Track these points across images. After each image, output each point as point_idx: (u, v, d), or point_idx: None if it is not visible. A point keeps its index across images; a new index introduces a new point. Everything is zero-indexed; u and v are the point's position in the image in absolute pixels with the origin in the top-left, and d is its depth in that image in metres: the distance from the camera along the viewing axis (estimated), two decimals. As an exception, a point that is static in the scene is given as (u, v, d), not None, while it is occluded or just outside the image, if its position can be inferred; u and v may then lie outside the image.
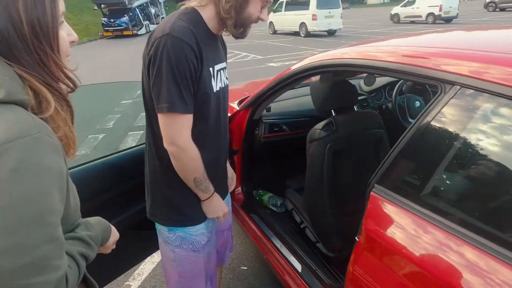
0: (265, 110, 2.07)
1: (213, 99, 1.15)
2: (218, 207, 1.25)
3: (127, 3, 20.18)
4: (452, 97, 0.91)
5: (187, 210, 1.23)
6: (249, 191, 2.22)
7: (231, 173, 1.47)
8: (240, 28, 1.15)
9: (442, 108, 0.93)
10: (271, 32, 18.21)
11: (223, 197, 1.32)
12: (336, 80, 1.64)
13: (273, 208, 2.18)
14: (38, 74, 0.61)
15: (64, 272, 0.59)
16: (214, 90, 1.16)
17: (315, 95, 1.69)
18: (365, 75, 2.32)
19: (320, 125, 1.58)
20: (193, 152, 1.11)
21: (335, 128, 1.56)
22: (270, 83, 1.79)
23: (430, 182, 0.95)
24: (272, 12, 17.96)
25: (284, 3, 16.97)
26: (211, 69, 1.13)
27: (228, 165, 1.42)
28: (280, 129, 2.21)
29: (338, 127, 1.56)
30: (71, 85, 0.67)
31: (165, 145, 1.09)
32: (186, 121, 1.08)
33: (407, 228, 0.93)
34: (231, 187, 1.48)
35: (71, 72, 0.67)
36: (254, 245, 2.01)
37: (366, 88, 2.57)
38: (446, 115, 0.93)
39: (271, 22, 18.13)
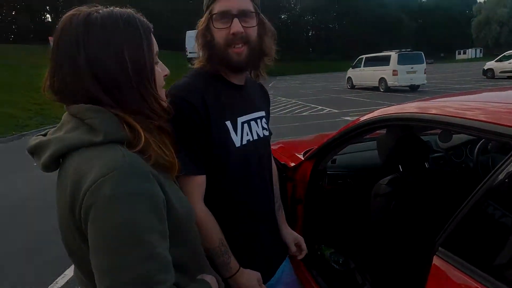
0: (330, 162, 2.06)
1: (237, 155, 1.03)
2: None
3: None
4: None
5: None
6: (311, 245, 2.15)
7: (293, 238, 1.26)
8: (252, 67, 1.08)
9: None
10: (349, 87, 18.29)
11: (268, 276, 1.12)
12: (405, 135, 1.58)
13: (334, 265, 2.06)
14: (137, 108, 0.70)
15: (171, 286, 0.64)
16: (238, 145, 1.04)
17: (382, 148, 1.64)
18: (439, 131, 2.18)
19: (385, 180, 1.51)
20: (202, 217, 0.97)
21: (401, 184, 1.47)
22: (336, 134, 1.80)
23: (507, 251, 0.83)
24: (350, 68, 18.22)
25: (364, 59, 17.12)
26: (229, 122, 1.03)
27: (289, 229, 1.27)
28: (345, 182, 2.15)
29: (404, 183, 1.47)
30: (165, 114, 0.76)
31: None
32: (193, 183, 0.97)
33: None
34: (299, 255, 1.26)
35: (165, 102, 0.76)
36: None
37: (443, 145, 2.39)
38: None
39: (349, 77, 18.31)
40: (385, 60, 15.48)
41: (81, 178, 0.62)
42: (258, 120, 1.12)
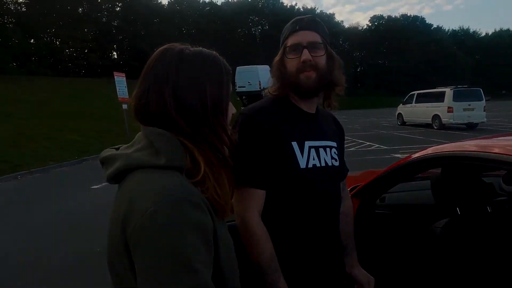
0: (378, 200, 1.95)
1: (300, 176, 1.06)
2: None
3: (263, 95, 22.95)
4: None
5: None
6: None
7: (367, 279, 1.25)
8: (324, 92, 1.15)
9: None
10: (399, 123, 17.64)
11: None
12: (464, 175, 1.47)
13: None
14: (208, 138, 0.74)
15: None
16: (302, 166, 1.07)
17: (437, 188, 1.53)
18: (504, 172, 1.98)
19: (441, 222, 1.40)
20: (255, 229, 1.01)
21: (459, 228, 1.35)
22: (386, 172, 1.71)
23: None
24: (401, 103, 17.66)
25: (415, 95, 16.55)
26: (295, 143, 1.08)
27: (362, 270, 1.25)
28: (394, 222, 2.01)
29: (462, 228, 1.34)
30: (232, 146, 0.81)
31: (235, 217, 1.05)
32: (251, 195, 1.03)
33: None
34: None
35: (233, 136, 0.81)
36: None
37: (508, 188, 2.17)
38: None
39: (399, 113, 17.72)
40: (439, 97, 14.81)
41: (137, 199, 0.64)
42: (328, 149, 1.15)
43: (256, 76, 21.41)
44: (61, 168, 9.13)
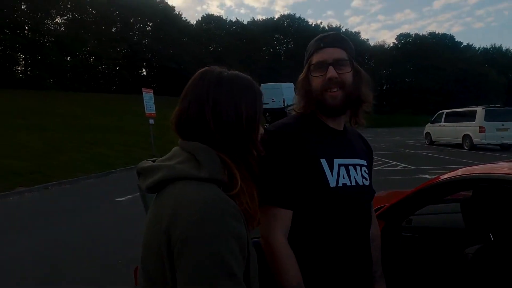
0: (405, 222, 1.88)
1: (330, 195, 1.01)
2: None
3: (287, 112, 23.09)
4: None
5: None
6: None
7: None
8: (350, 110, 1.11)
9: None
10: (427, 143, 17.11)
11: None
12: (497, 199, 1.39)
13: None
14: (241, 151, 0.81)
15: None
16: (332, 185, 1.02)
17: (468, 212, 1.45)
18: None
19: (473, 249, 1.32)
20: (281, 252, 0.97)
21: (493, 256, 1.26)
22: (413, 193, 1.65)
23: None
24: (429, 122, 17.17)
25: (444, 114, 16.05)
26: (324, 161, 1.03)
27: None
28: (421, 246, 1.92)
29: (496, 255, 1.26)
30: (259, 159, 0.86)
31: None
32: (276, 215, 0.99)
33: None
34: None
35: (262, 151, 0.86)
36: None
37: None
38: None
39: (427, 133, 17.21)
40: (470, 116, 14.29)
41: (183, 208, 0.69)
42: (358, 167, 1.10)
43: (280, 93, 21.58)
44: (89, 180, 9.42)
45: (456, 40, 61.36)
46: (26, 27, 31.05)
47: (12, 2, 28.50)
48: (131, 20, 41.08)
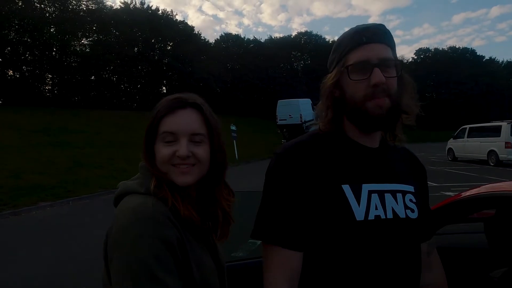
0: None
1: (357, 232, 0.78)
2: None
3: (304, 128, 23.02)
4: None
5: None
6: None
7: None
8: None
9: None
10: (450, 159, 16.60)
11: None
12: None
13: None
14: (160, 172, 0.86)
15: None
16: (360, 218, 0.78)
17: (492, 232, 1.38)
18: None
19: (498, 272, 1.24)
20: None
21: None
22: (433, 210, 1.59)
23: None
24: (451, 138, 16.72)
25: (467, 129, 15.59)
26: (347, 187, 0.80)
27: None
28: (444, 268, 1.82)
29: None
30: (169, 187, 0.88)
31: None
32: (277, 257, 0.79)
33: None
34: None
35: (164, 175, 0.87)
36: None
37: None
38: None
39: (450, 148, 16.73)
40: (495, 131, 13.81)
41: (117, 216, 0.78)
42: (399, 195, 0.84)
43: (297, 109, 21.61)
44: (109, 195, 9.59)
45: (478, 54, 60.12)
46: (54, 49, 32.59)
47: (43, 25, 30.09)
48: (152, 40, 42.48)
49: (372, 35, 0.83)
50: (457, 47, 60.48)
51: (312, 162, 0.82)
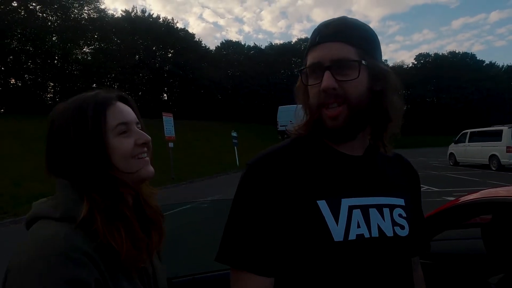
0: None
1: (336, 255, 0.68)
2: None
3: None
4: None
5: None
6: None
7: None
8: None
9: None
10: (451, 164, 16.56)
11: None
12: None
13: None
14: (98, 191, 0.71)
15: None
16: (339, 239, 0.68)
17: (489, 237, 1.39)
18: None
19: (495, 279, 1.25)
20: None
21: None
22: (430, 216, 1.59)
23: None
24: (452, 143, 16.69)
25: (468, 134, 15.58)
26: (323, 202, 0.70)
27: None
28: (440, 273, 1.82)
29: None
30: (128, 188, 0.77)
31: None
32: (244, 282, 0.69)
33: None
34: None
35: (130, 174, 0.76)
36: None
37: None
38: None
39: (451, 153, 16.69)
40: (496, 135, 13.78)
41: (18, 249, 0.64)
42: (386, 209, 0.74)
43: (298, 115, 21.57)
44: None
45: (478, 58, 60.29)
46: (56, 57, 32.86)
47: (45, 34, 30.38)
48: (153, 48, 42.81)
49: (329, 33, 0.73)
50: (457, 52, 60.71)
51: (286, 174, 0.72)
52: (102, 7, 37.26)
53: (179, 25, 65.91)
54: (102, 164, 0.73)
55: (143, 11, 43.21)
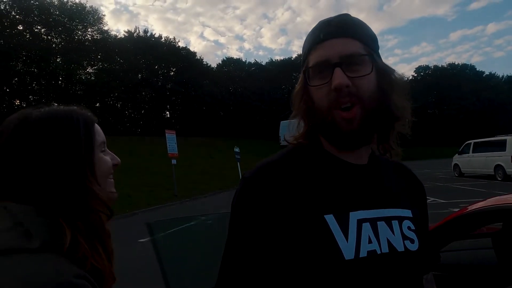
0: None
1: (347, 275, 0.61)
2: None
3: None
4: None
5: None
6: None
7: None
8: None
9: None
10: (456, 175, 16.43)
11: None
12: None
13: None
14: (75, 214, 0.63)
15: None
16: (350, 257, 0.61)
17: (500, 246, 1.36)
18: None
19: None
20: None
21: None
22: (437, 226, 1.58)
23: None
24: (456, 154, 16.62)
25: (472, 144, 15.51)
26: (331, 217, 0.63)
27: None
28: (452, 285, 1.78)
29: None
30: (105, 209, 0.72)
31: None
32: None
33: None
34: None
35: (111, 193, 0.74)
36: None
37: None
38: None
39: (456, 164, 16.59)
40: (500, 145, 13.71)
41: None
42: (395, 222, 0.68)
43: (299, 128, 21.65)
44: (112, 221, 9.55)
45: (477, 69, 60.67)
46: (60, 78, 33.41)
47: (49, 55, 31.00)
48: (156, 67, 43.46)
49: (333, 30, 0.68)
50: (456, 63, 61.26)
51: (288, 186, 0.65)
52: (105, 28, 38.24)
53: (181, 44, 67.03)
54: (89, 182, 0.66)
55: (145, 31, 44.21)
